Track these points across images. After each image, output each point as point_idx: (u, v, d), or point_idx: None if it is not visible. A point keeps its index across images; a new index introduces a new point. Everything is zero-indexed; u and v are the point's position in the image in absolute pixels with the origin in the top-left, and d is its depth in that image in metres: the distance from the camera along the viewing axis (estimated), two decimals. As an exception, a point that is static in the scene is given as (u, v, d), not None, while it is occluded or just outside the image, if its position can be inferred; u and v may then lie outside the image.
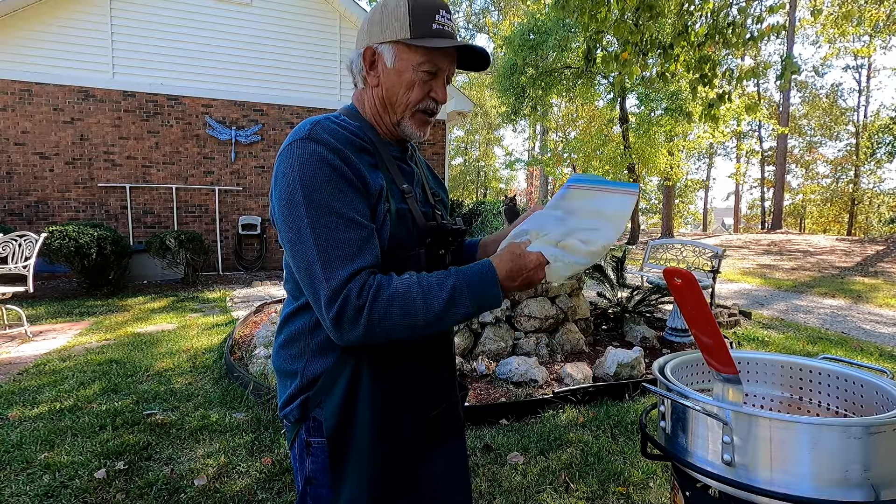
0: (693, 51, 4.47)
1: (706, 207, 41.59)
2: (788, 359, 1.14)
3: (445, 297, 0.84)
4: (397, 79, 0.95)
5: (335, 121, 0.94)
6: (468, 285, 0.86)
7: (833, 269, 11.17)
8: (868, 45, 20.49)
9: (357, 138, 0.94)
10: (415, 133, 0.99)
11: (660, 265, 6.88)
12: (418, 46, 0.91)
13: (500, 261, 0.89)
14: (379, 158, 0.96)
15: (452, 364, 1.10)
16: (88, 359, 4.06)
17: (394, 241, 0.92)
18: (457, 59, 0.99)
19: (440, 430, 1.03)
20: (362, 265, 0.84)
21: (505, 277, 0.88)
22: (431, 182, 1.13)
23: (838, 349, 4.83)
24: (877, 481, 0.74)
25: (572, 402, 3.17)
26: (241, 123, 9.16)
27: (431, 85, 0.96)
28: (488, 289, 0.87)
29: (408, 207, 0.96)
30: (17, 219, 7.89)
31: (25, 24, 7.76)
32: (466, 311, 0.86)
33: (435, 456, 1.02)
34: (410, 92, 0.95)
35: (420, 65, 0.93)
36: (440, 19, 0.93)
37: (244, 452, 2.57)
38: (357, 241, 0.85)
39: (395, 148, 1.03)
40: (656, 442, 0.97)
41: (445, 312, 0.85)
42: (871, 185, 27.35)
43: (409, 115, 0.97)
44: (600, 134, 19.38)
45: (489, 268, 0.88)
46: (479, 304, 0.86)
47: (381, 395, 0.93)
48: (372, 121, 1.00)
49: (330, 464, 0.93)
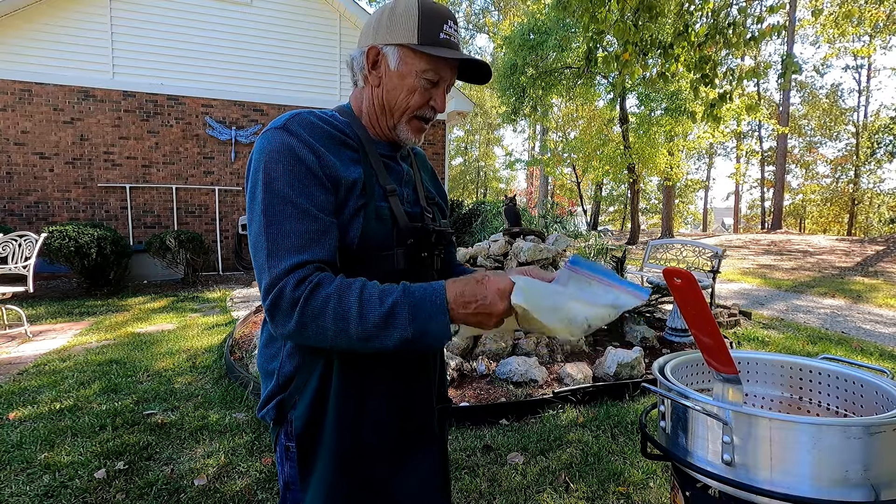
0: (693, 51, 4.47)
1: (706, 207, 41.63)
2: (788, 359, 1.14)
3: (383, 311, 0.78)
4: (399, 82, 0.93)
5: (318, 115, 0.93)
6: (411, 305, 0.78)
7: (833, 269, 11.17)
8: (868, 45, 20.49)
9: (340, 133, 0.93)
10: (409, 138, 0.98)
11: (660, 265, 6.88)
12: (424, 53, 0.91)
13: (455, 283, 0.81)
14: (363, 154, 0.94)
15: (432, 378, 1.03)
16: (88, 359, 4.06)
17: (366, 238, 0.89)
18: (459, 71, 0.98)
19: (412, 445, 0.97)
20: (308, 258, 0.82)
21: (455, 301, 0.79)
22: (429, 184, 1.11)
23: (838, 349, 4.83)
24: (877, 481, 0.74)
25: (572, 402, 3.17)
26: (241, 123, 9.16)
27: (432, 93, 0.95)
28: (434, 314, 0.78)
29: (389, 206, 0.93)
30: (17, 219, 7.89)
31: (25, 24, 7.76)
32: (404, 334, 0.77)
33: (405, 472, 0.97)
34: (411, 97, 0.94)
35: (424, 72, 0.92)
36: (448, 29, 0.92)
37: (244, 452, 2.57)
38: (307, 234, 0.83)
39: (385, 146, 1.01)
40: (656, 442, 0.97)
41: (381, 331, 0.78)
42: (871, 185, 27.36)
43: (406, 119, 0.96)
44: (600, 134, 19.41)
45: (439, 290, 0.80)
46: (421, 330, 0.78)
47: (350, 402, 0.90)
48: (366, 120, 0.99)
49: (299, 467, 0.92)
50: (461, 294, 0.79)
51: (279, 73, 9.28)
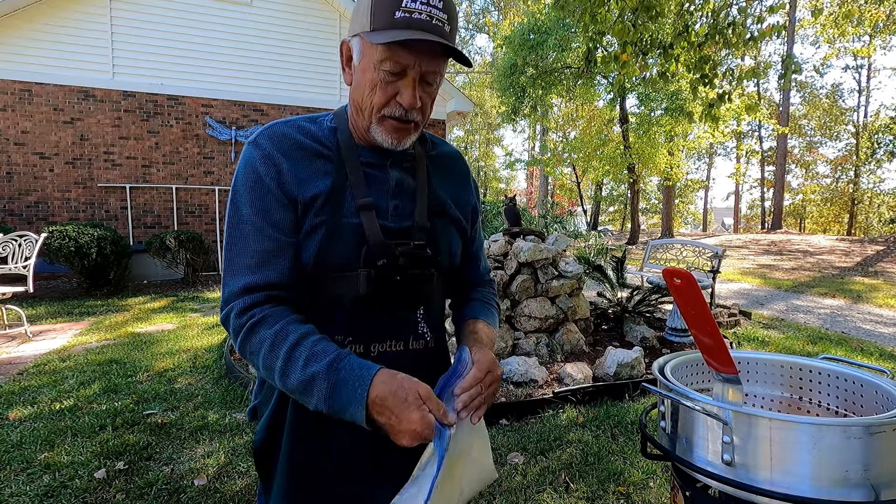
0: (693, 51, 4.47)
1: (706, 207, 41.63)
2: (788, 359, 1.14)
3: (303, 379, 0.74)
4: (362, 77, 0.82)
5: (297, 124, 0.89)
6: (332, 383, 0.72)
7: (833, 269, 11.17)
8: (868, 46, 20.49)
9: (315, 143, 0.86)
10: (385, 140, 0.85)
11: (660, 265, 6.88)
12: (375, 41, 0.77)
13: (392, 381, 0.73)
14: (338, 165, 0.85)
15: None
16: (88, 359, 4.05)
17: (323, 258, 0.82)
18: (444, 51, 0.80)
19: (395, 458, 0.87)
20: (257, 281, 0.80)
21: (374, 402, 0.71)
22: (446, 192, 0.97)
23: (838, 349, 4.83)
24: (877, 481, 0.74)
25: (572, 402, 3.17)
26: (241, 123, 9.16)
27: (398, 87, 0.80)
28: (351, 402, 0.72)
29: (359, 222, 0.83)
30: (17, 219, 7.89)
31: (25, 24, 7.75)
32: (319, 406, 0.74)
33: (386, 485, 0.85)
34: (374, 94, 0.81)
35: (381, 62, 0.78)
36: (409, 5, 0.75)
37: (244, 452, 2.57)
38: (259, 254, 0.81)
39: (370, 153, 0.89)
40: (656, 442, 0.97)
41: (300, 395, 0.75)
42: (871, 185, 27.37)
43: (375, 120, 0.84)
44: (600, 134, 19.41)
45: (366, 380, 0.72)
46: (338, 411, 0.73)
47: (306, 418, 0.86)
48: (351, 123, 0.90)
49: (260, 478, 0.93)
50: (383, 399, 0.71)
51: (279, 73, 9.27)
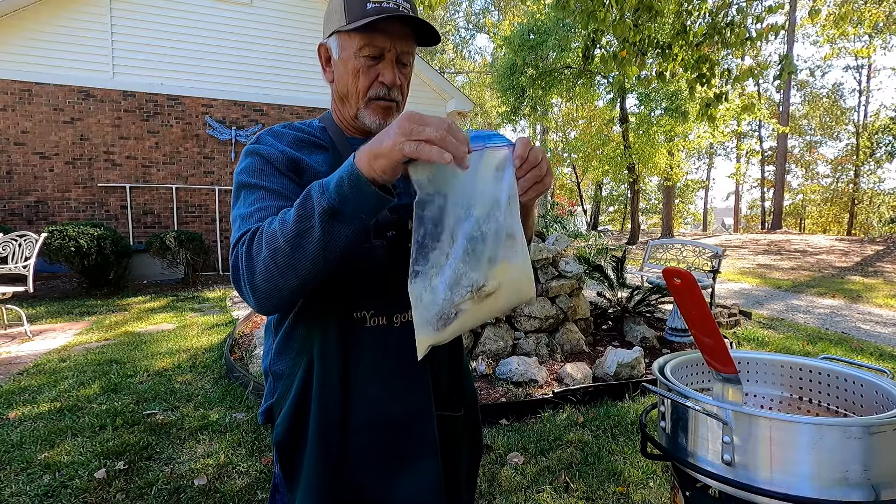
0: (691, 50, 4.47)
1: (706, 207, 41.61)
2: (788, 359, 1.14)
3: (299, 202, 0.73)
4: (344, 69, 0.92)
5: (290, 124, 0.96)
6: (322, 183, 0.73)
7: (832, 269, 11.17)
8: (868, 46, 20.48)
9: (311, 136, 0.95)
10: (374, 122, 0.94)
11: (660, 265, 6.88)
12: (353, 31, 0.87)
13: None
14: (334, 153, 0.94)
15: (423, 385, 0.94)
16: (88, 358, 4.05)
17: None
18: (415, 36, 0.91)
19: (407, 454, 0.91)
20: None
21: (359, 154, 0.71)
22: None
23: (838, 349, 4.83)
24: (877, 481, 0.74)
25: (572, 401, 3.17)
26: (241, 123, 9.16)
27: (378, 69, 0.91)
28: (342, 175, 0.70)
29: None
30: (17, 219, 7.89)
31: (25, 24, 7.75)
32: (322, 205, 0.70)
33: (400, 482, 0.91)
34: (357, 80, 0.91)
35: (360, 49, 0.88)
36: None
37: (244, 452, 2.57)
38: (274, 209, 0.80)
39: (362, 141, 0.88)
40: (656, 442, 0.97)
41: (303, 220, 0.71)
42: (871, 185, 27.36)
43: (363, 105, 0.93)
44: (600, 134, 19.38)
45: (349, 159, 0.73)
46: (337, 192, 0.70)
47: (331, 411, 0.88)
48: (336, 118, 0.99)
49: (283, 473, 0.92)
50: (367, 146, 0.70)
51: (279, 73, 9.27)
